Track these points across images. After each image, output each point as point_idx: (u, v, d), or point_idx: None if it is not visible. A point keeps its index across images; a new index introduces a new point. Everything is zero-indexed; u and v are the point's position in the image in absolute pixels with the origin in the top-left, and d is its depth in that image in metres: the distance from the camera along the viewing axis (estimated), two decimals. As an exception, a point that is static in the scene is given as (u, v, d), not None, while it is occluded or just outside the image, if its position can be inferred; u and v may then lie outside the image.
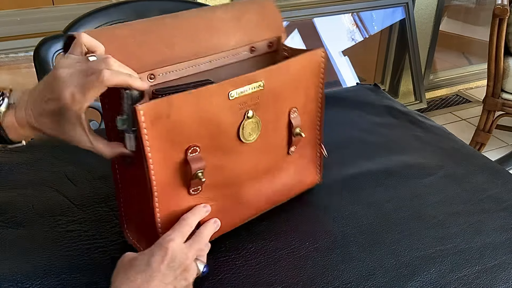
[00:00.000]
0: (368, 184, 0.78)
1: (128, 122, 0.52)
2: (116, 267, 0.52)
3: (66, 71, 0.49)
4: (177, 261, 0.53)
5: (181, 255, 0.53)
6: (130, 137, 0.53)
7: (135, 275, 0.50)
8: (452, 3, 2.89)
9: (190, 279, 0.54)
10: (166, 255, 0.52)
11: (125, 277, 0.50)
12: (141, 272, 0.50)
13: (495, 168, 0.84)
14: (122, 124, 0.52)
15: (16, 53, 1.64)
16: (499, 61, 1.95)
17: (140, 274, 0.50)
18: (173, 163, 0.56)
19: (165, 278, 0.51)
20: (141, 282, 0.50)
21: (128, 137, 0.53)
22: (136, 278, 0.50)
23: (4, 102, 0.52)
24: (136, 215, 0.63)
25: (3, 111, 0.52)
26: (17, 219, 0.69)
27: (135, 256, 0.53)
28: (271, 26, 0.70)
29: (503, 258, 0.64)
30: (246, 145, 0.62)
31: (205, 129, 0.57)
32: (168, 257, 0.52)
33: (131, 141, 0.53)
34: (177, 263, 0.52)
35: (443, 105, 2.80)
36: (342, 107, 1.03)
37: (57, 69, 0.49)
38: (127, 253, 0.54)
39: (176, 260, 0.52)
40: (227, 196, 0.63)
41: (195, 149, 0.56)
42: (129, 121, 0.52)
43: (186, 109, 0.54)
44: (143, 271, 0.50)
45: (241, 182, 0.64)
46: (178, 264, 0.52)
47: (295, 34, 2.27)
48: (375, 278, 0.60)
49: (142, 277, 0.50)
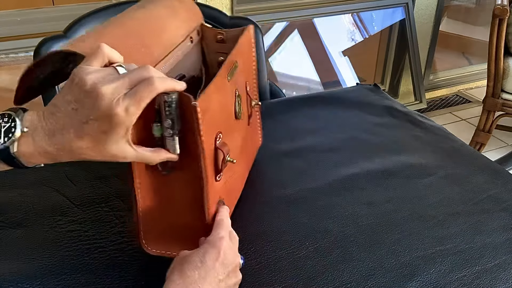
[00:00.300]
0: (368, 184, 0.78)
1: (173, 126, 0.51)
2: (172, 264, 0.53)
3: (107, 86, 0.44)
4: (229, 259, 0.54)
5: (231, 253, 0.55)
6: (175, 140, 0.52)
7: (191, 270, 0.51)
8: (452, 3, 2.89)
9: (239, 276, 0.56)
10: (219, 253, 0.53)
11: (182, 272, 0.51)
12: (197, 269, 0.51)
13: (495, 168, 0.84)
14: (159, 130, 0.52)
15: (16, 53, 1.64)
16: (499, 61, 1.95)
17: (196, 270, 0.51)
18: (210, 153, 0.57)
19: (218, 275, 0.52)
20: (198, 277, 0.51)
21: (173, 140, 0.52)
22: (193, 274, 0.51)
23: (17, 129, 0.45)
24: (159, 222, 0.60)
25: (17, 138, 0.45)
26: (17, 219, 0.69)
27: (190, 253, 0.53)
28: (194, 15, 0.75)
29: (503, 258, 0.64)
30: (238, 122, 0.67)
31: (223, 114, 0.61)
32: (222, 255, 0.53)
33: (176, 144, 0.53)
34: (229, 260, 0.54)
35: (443, 105, 2.80)
36: (342, 107, 1.03)
37: (94, 85, 0.44)
38: (183, 251, 0.55)
39: (229, 257, 0.54)
40: (231, 175, 0.66)
41: (219, 135, 0.58)
42: (174, 125, 0.51)
43: (215, 99, 0.57)
44: (199, 268, 0.51)
45: (236, 158, 0.66)
46: (230, 262, 0.54)
47: (295, 34, 2.27)
48: (375, 278, 0.60)
49: (198, 273, 0.51)
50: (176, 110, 0.50)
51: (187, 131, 0.53)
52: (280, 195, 0.75)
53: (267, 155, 0.86)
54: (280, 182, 0.78)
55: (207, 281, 0.51)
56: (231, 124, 0.65)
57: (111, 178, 0.78)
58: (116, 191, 0.75)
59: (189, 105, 0.51)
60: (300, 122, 0.97)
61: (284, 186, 0.77)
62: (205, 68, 0.79)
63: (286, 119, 0.98)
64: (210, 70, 0.80)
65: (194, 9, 0.75)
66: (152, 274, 0.60)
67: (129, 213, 0.70)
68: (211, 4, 1.94)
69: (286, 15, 2.17)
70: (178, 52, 0.69)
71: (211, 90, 0.56)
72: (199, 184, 0.56)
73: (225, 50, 0.77)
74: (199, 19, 0.77)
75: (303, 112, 1.01)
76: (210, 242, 0.55)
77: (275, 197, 0.75)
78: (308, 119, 0.99)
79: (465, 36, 3.04)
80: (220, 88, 0.59)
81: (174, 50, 0.67)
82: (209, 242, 0.55)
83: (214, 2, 1.98)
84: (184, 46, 0.71)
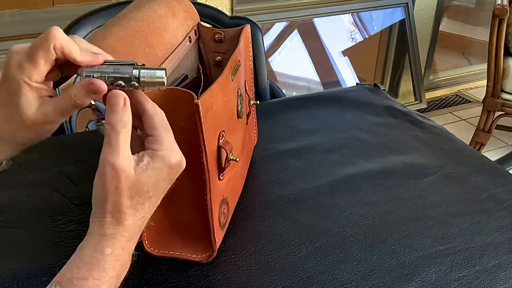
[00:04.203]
0: (368, 184, 0.78)
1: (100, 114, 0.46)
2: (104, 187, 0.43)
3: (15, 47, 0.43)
4: (178, 171, 0.45)
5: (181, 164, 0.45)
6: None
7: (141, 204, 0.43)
8: (452, 3, 2.89)
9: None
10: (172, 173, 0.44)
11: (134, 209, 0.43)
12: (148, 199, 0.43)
13: (495, 168, 0.84)
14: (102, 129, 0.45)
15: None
16: (499, 61, 1.95)
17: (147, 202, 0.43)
18: (213, 152, 0.57)
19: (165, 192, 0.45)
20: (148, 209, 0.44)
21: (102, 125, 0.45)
22: (143, 207, 0.43)
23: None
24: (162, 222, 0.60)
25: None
26: (17, 219, 0.69)
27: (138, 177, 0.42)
28: (191, 14, 0.76)
29: (503, 258, 0.64)
30: (239, 121, 0.67)
31: (226, 113, 0.60)
32: (173, 172, 0.44)
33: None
34: (177, 172, 0.45)
35: (443, 105, 2.80)
36: (342, 107, 1.03)
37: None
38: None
39: (179, 170, 0.45)
40: (234, 174, 0.66)
41: (222, 134, 0.58)
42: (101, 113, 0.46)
43: (219, 97, 0.57)
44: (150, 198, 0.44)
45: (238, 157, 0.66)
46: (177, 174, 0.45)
47: (295, 34, 2.28)
48: (375, 278, 0.60)
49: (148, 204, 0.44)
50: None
51: (190, 129, 0.53)
52: (280, 195, 0.75)
53: (267, 155, 0.86)
54: (280, 182, 0.78)
55: (156, 206, 0.45)
56: (234, 123, 0.65)
57: (111, 178, 0.78)
58: (116, 191, 0.75)
59: (191, 103, 0.51)
60: (300, 122, 0.97)
61: (284, 186, 0.77)
62: (202, 68, 0.79)
63: (286, 119, 0.98)
64: (207, 70, 0.80)
65: (191, 9, 0.76)
66: (152, 273, 0.60)
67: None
68: (211, 4, 1.94)
69: (286, 15, 2.17)
70: (179, 52, 0.69)
71: (215, 88, 0.56)
72: (202, 183, 0.56)
73: (222, 50, 0.77)
74: (196, 18, 0.77)
75: (303, 112, 1.01)
76: (163, 157, 0.43)
77: (275, 197, 0.75)
78: (308, 119, 0.99)
79: (465, 36, 3.04)
80: (224, 87, 0.60)
81: (176, 50, 0.68)
82: (161, 158, 0.43)
83: (214, 2, 1.98)
84: (184, 45, 0.71)
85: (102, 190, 0.43)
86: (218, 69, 0.79)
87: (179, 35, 0.70)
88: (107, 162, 0.42)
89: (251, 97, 0.79)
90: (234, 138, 0.64)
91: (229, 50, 0.76)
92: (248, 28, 0.75)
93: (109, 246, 0.41)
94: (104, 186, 0.42)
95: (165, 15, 0.68)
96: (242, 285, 0.58)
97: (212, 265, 0.61)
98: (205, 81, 0.78)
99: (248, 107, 0.76)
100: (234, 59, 0.64)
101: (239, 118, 0.67)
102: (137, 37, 0.60)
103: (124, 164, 0.41)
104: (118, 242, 0.42)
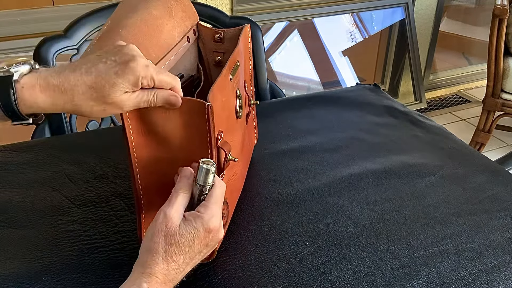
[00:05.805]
0: (368, 184, 0.78)
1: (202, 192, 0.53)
2: (151, 230, 0.49)
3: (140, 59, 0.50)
4: (218, 238, 0.52)
5: (220, 231, 0.52)
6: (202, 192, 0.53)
7: (178, 255, 0.49)
8: (452, 3, 2.89)
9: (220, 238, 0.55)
10: (209, 237, 0.51)
11: (168, 255, 0.48)
12: (183, 253, 0.49)
13: (495, 168, 0.84)
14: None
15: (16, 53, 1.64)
16: (499, 61, 1.95)
17: (182, 255, 0.49)
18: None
19: (201, 255, 0.52)
20: (182, 262, 0.49)
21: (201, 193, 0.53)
22: (178, 258, 0.49)
23: (26, 64, 0.48)
24: None
25: (24, 72, 0.47)
26: (17, 219, 0.69)
27: (176, 230, 0.49)
28: (190, 14, 0.76)
29: (503, 258, 0.64)
30: (237, 121, 0.67)
31: (225, 114, 0.61)
32: (211, 237, 0.51)
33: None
34: (217, 239, 0.52)
35: (443, 105, 2.80)
36: (342, 107, 1.03)
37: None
38: (165, 215, 0.50)
39: (219, 236, 0.52)
40: (233, 174, 0.66)
41: (220, 134, 0.59)
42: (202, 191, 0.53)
43: (217, 98, 0.57)
44: (185, 253, 0.49)
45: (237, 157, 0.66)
46: (216, 241, 0.52)
47: (295, 34, 2.28)
48: (375, 278, 0.60)
49: (183, 258, 0.49)
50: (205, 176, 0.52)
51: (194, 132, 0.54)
52: (280, 195, 0.75)
53: (267, 155, 0.86)
54: (280, 182, 0.78)
55: (190, 265, 0.50)
56: (232, 123, 0.65)
57: (111, 178, 0.78)
58: (116, 191, 0.75)
59: (202, 106, 0.53)
60: (300, 122, 0.97)
61: (284, 186, 0.77)
62: (202, 67, 0.79)
63: (286, 119, 0.98)
64: (206, 70, 0.80)
65: (190, 8, 0.75)
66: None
67: (129, 213, 0.70)
68: (211, 4, 1.94)
69: (286, 15, 2.17)
70: (176, 51, 0.69)
71: (215, 89, 0.56)
72: None
73: (222, 50, 0.77)
74: (195, 18, 0.77)
75: (303, 112, 1.01)
76: (203, 220, 0.50)
77: (275, 197, 0.75)
78: (308, 119, 0.99)
79: (465, 36, 3.04)
80: (222, 88, 0.60)
81: (173, 50, 0.68)
82: (201, 219, 0.50)
83: (214, 2, 1.98)
84: (182, 45, 0.71)
85: (151, 230, 0.50)
86: (218, 69, 0.79)
87: (176, 35, 0.70)
88: (162, 211, 0.50)
89: (251, 97, 0.79)
90: (233, 139, 0.64)
91: (229, 50, 0.76)
92: (247, 28, 0.75)
93: (147, 282, 0.47)
94: (153, 227, 0.49)
95: (161, 16, 0.68)
96: (242, 285, 0.58)
97: (212, 265, 0.61)
98: (205, 81, 0.78)
99: (247, 107, 0.76)
100: (233, 59, 0.64)
101: (238, 118, 0.67)
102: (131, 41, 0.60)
103: (173, 214, 0.49)
104: (154, 280, 0.47)
